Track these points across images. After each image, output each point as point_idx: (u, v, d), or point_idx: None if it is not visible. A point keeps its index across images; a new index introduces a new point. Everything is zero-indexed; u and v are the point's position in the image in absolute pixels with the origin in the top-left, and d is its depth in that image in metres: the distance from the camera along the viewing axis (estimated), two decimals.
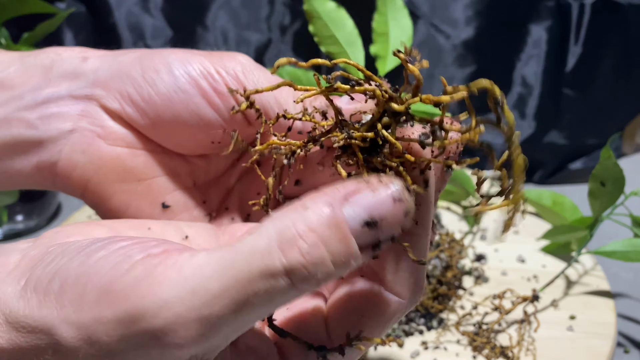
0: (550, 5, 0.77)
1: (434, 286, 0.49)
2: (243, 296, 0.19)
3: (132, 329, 0.19)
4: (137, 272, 0.19)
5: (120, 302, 0.19)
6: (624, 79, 0.80)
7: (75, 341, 0.20)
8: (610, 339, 0.46)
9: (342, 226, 0.20)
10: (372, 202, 0.20)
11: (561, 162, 0.83)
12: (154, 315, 0.19)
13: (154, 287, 0.19)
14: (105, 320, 0.19)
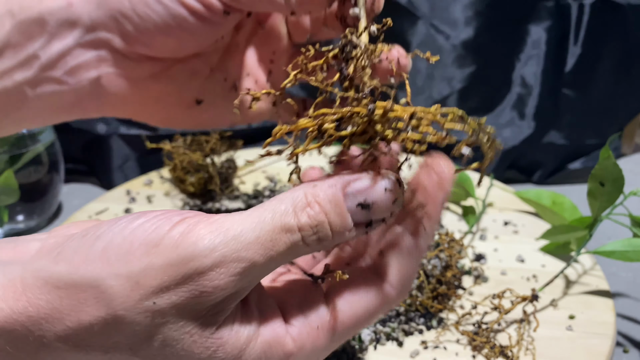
0: (549, 6, 0.77)
1: (433, 286, 0.49)
2: (270, 244, 0.24)
3: (181, 270, 0.23)
4: (181, 229, 0.23)
5: (170, 250, 0.23)
6: (624, 79, 0.80)
7: (122, 289, 0.23)
8: (610, 338, 0.47)
9: (340, 203, 0.25)
10: (368, 189, 0.25)
11: (560, 162, 0.83)
12: (205, 256, 0.23)
13: (201, 236, 0.23)
14: (156, 266, 0.23)
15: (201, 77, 0.38)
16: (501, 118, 0.82)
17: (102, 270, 0.23)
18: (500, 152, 0.27)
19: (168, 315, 0.24)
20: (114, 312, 0.23)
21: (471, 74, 0.80)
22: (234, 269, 0.23)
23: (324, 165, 0.75)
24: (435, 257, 0.53)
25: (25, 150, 0.62)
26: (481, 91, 0.81)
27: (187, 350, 0.24)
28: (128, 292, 0.23)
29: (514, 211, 0.66)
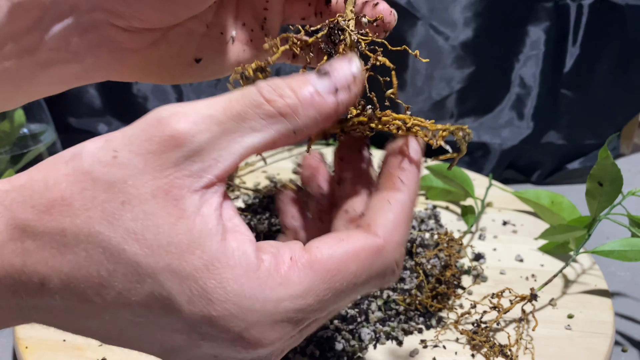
0: (548, 7, 0.78)
1: (432, 285, 0.49)
2: (232, 97, 0.25)
3: (149, 116, 0.25)
4: (168, 108, 0.25)
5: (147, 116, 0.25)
6: (622, 80, 0.80)
7: (95, 149, 0.25)
8: (608, 337, 0.47)
9: (300, 75, 0.26)
10: (329, 62, 0.27)
11: (559, 162, 0.84)
12: (168, 107, 0.25)
13: (191, 104, 0.25)
14: (131, 129, 0.25)
15: (198, 36, 0.39)
16: (500, 118, 0.82)
17: (83, 143, 0.25)
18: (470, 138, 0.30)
19: (129, 168, 0.24)
20: (79, 166, 0.24)
21: (470, 75, 0.80)
22: (192, 117, 0.24)
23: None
24: (434, 257, 0.54)
25: (26, 150, 0.62)
26: (480, 92, 0.81)
27: (147, 213, 0.24)
28: (97, 148, 0.24)
29: (513, 211, 0.66)
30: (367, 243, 0.26)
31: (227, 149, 0.25)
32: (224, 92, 0.27)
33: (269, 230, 0.53)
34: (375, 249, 0.26)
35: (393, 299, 0.49)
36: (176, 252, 0.24)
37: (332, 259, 0.25)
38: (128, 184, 0.24)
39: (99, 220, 0.24)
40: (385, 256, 0.27)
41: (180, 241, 0.24)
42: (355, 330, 0.46)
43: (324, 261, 0.25)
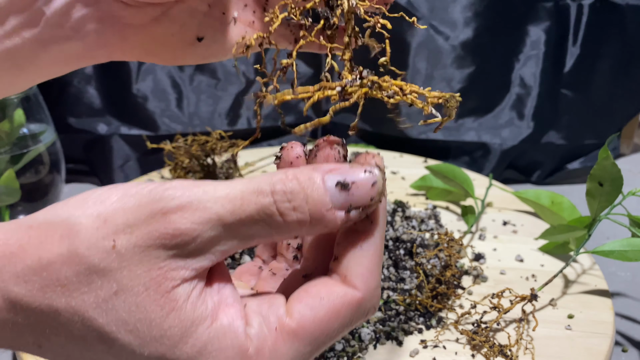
0: (548, 7, 0.78)
1: (433, 285, 0.49)
2: (239, 202, 0.24)
3: (147, 209, 0.24)
4: (159, 183, 0.25)
5: (143, 194, 0.24)
6: (622, 80, 0.80)
7: (89, 225, 0.24)
8: (609, 337, 0.47)
9: (319, 179, 0.25)
10: (349, 171, 0.25)
11: (559, 162, 0.84)
12: (172, 199, 0.24)
13: (174, 185, 0.24)
14: (127, 207, 0.24)
15: (200, 14, 0.39)
16: (500, 118, 0.82)
17: (77, 210, 0.25)
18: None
19: (126, 259, 0.24)
20: (75, 248, 0.24)
21: (470, 75, 0.80)
22: (198, 216, 0.24)
23: None
24: (434, 257, 0.54)
25: (26, 150, 0.62)
26: (480, 91, 0.81)
27: (139, 306, 0.24)
28: (94, 229, 0.24)
29: (513, 211, 0.66)
30: (346, 299, 0.26)
31: (224, 246, 0.25)
32: (223, 92, 0.27)
33: None
34: (355, 303, 0.26)
35: (393, 299, 0.49)
36: (169, 344, 0.24)
37: (315, 322, 0.26)
38: (123, 274, 0.24)
39: (93, 306, 0.24)
40: (365, 305, 0.27)
41: (173, 333, 0.24)
42: (355, 330, 0.46)
43: (307, 326, 0.26)
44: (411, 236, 0.55)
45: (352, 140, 0.87)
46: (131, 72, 0.78)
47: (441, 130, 0.82)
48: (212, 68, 0.81)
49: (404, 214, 0.61)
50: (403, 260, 0.52)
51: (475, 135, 0.82)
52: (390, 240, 0.54)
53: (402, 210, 0.62)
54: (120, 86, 0.79)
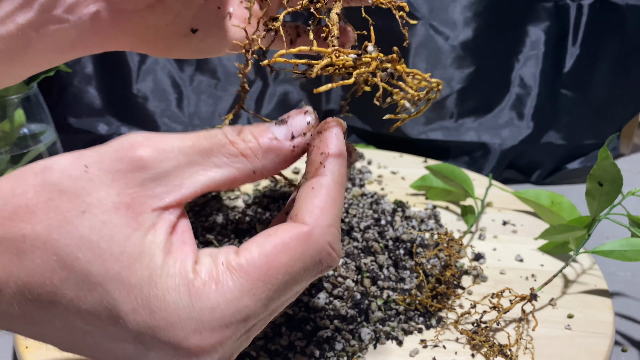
0: (548, 7, 0.78)
1: (432, 285, 0.49)
2: (193, 137, 0.27)
3: (115, 142, 0.27)
4: (139, 135, 0.27)
5: (113, 141, 0.27)
6: (622, 80, 0.80)
7: (63, 159, 0.26)
8: (608, 337, 0.47)
9: (260, 124, 0.29)
10: (287, 113, 0.30)
11: (559, 162, 0.84)
12: (135, 135, 0.26)
13: (161, 135, 0.27)
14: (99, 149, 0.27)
15: (195, 6, 0.40)
16: (500, 118, 0.82)
17: (51, 158, 0.26)
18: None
19: (97, 183, 0.25)
20: (48, 178, 0.25)
21: (470, 75, 0.80)
22: (161, 146, 0.26)
23: None
24: (434, 257, 0.54)
25: (26, 150, 0.62)
26: (480, 92, 0.81)
27: (105, 222, 0.25)
28: (68, 163, 0.26)
29: (513, 211, 0.66)
30: (293, 232, 0.27)
31: (190, 178, 0.27)
32: (223, 92, 0.28)
33: None
34: (303, 236, 0.27)
35: (393, 299, 0.49)
36: (126, 262, 0.25)
37: (262, 256, 0.26)
38: (92, 196, 0.25)
39: (57, 227, 0.25)
40: (316, 240, 0.27)
41: (132, 251, 0.25)
42: (355, 330, 0.46)
43: (254, 260, 0.26)
44: (411, 236, 0.55)
45: (352, 140, 0.87)
46: (131, 72, 0.78)
47: (441, 130, 0.83)
48: (212, 68, 0.81)
49: (404, 213, 0.61)
50: (403, 260, 0.52)
51: (475, 135, 0.82)
52: (390, 240, 0.54)
53: (402, 210, 0.62)
54: (121, 86, 0.79)
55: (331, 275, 0.49)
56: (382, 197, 0.65)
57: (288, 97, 0.84)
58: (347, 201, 0.62)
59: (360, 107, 0.85)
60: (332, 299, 0.48)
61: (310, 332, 0.45)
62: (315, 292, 0.48)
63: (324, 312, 0.46)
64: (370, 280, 0.50)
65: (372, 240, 0.53)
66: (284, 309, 0.31)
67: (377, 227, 0.56)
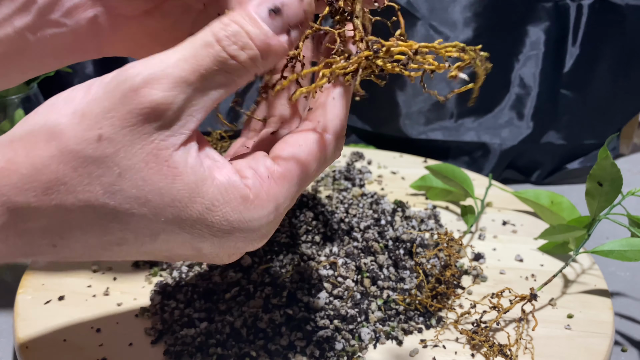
0: (548, 7, 0.78)
1: (432, 285, 0.49)
2: (193, 59, 0.26)
3: (118, 92, 0.25)
4: (118, 70, 0.26)
5: (109, 81, 0.26)
6: (622, 80, 0.80)
7: (69, 123, 0.26)
8: (608, 337, 0.47)
9: (251, 14, 0.27)
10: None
11: (559, 162, 0.84)
12: (135, 75, 0.25)
13: (132, 65, 0.26)
14: (98, 96, 0.26)
15: (194, 12, 0.39)
16: (500, 118, 0.82)
17: (50, 115, 0.26)
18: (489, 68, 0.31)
19: (118, 142, 0.25)
20: (65, 146, 0.25)
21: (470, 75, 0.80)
22: (166, 85, 0.25)
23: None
24: (434, 257, 0.54)
25: None
26: (480, 92, 0.81)
27: (145, 180, 0.26)
28: (76, 124, 0.25)
29: (513, 211, 0.66)
30: (320, 143, 0.30)
31: (198, 104, 0.27)
32: None
33: None
34: (328, 145, 0.30)
35: (393, 299, 0.49)
36: (181, 206, 0.27)
37: (298, 164, 0.30)
38: (120, 156, 0.26)
39: (100, 193, 0.26)
40: (334, 148, 0.31)
41: (182, 196, 0.27)
42: (355, 330, 0.46)
43: (293, 169, 0.29)
44: (411, 236, 0.55)
45: (352, 141, 0.87)
46: None
47: (441, 131, 0.83)
48: None
49: (404, 213, 0.61)
50: (403, 260, 0.52)
51: (474, 136, 0.82)
52: (390, 240, 0.54)
53: (401, 210, 0.62)
54: None
55: (331, 275, 0.49)
56: (382, 197, 0.65)
57: None
58: (347, 201, 0.62)
59: (360, 107, 0.85)
60: (332, 299, 0.48)
61: (310, 332, 0.45)
62: (315, 292, 0.48)
63: (324, 312, 0.46)
64: (370, 280, 0.50)
65: (372, 240, 0.53)
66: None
67: (377, 227, 0.56)
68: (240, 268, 0.50)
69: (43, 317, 0.47)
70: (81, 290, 0.51)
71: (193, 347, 0.44)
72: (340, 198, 0.63)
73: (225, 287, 0.49)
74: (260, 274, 0.49)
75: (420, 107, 0.82)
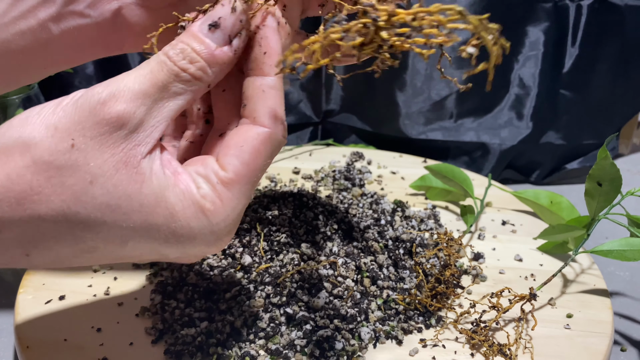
0: (547, 7, 0.78)
1: (432, 284, 0.49)
2: (150, 74, 0.29)
3: (86, 106, 0.28)
4: (101, 89, 0.28)
5: (77, 98, 0.28)
6: (621, 80, 0.80)
7: (43, 136, 0.27)
8: (607, 337, 0.47)
9: (194, 32, 0.30)
10: (211, 13, 0.31)
11: (558, 162, 0.84)
12: (100, 92, 0.28)
13: (98, 85, 0.28)
14: (68, 111, 0.28)
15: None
16: (499, 118, 0.82)
17: (24, 128, 0.27)
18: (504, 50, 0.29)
19: (89, 152, 0.27)
20: (39, 157, 0.27)
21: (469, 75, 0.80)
22: (127, 96, 0.28)
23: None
24: (434, 256, 0.54)
25: None
26: (480, 92, 0.81)
27: (117, 186, 0.28)
28: (49, 137, 0.27)
29: (512, 211, 0.66)
30: (260, 138, 0.31)
31: (159, 115, 0.29)
32: None
33: (269, 231, 0.54)
34: (268, 138, 0.31)
35: (393, 299, 0.49)
36: (148, 210, 0.29)
37: (243, 165, 0.31)
38: (91, 165, 0.27)
39: (73, 201, 0.27)
40: (276, 137, 0.32)
41: (149, 201, 0.29)
42: (355, 329, 0.46)
43: (240, 171, 0.31)
44: (411, 236, 0.55)
45: (352, 141, 0.88)
46: None
47: (440, 131, 0.83)
48: None
49: (404, 213, 0.61)
50: (402, 260, 0.53)
51: (474, 136, 0.82)
52: (389, 240, 0.54)
53: (401, 210, 0.62)
54: None
55: (331, 274, 0.49)
56: (382, 197, 0.65)
57: (288, 97, 0.85)
58: (347, 201, 0.62)
59: (360, 107, 0.85)
60: (332, 298, 0.48)
61: (310, 331, 0.45)
62: (315, 291, 0.48)
63: (324, 312, 0.47)
64: (370, 280, 0.50)
65: (371, 240, 0.53)
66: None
67: (376, 227, 0.56)
68: (240, 267, 0.50)
69: (44, 316, 0.47)
70: (82, 290, 0.51)
71: (193, 346, 0.44)
72: (340, 198, 0.63)
73: (225, 287, 0.49)
74: (261, 273, 0.49)
75: (420, 107, 0.82)
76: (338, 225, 0.55)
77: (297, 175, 0.74)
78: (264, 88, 0.32)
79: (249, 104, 0.32)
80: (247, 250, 0.52)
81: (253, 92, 0.32)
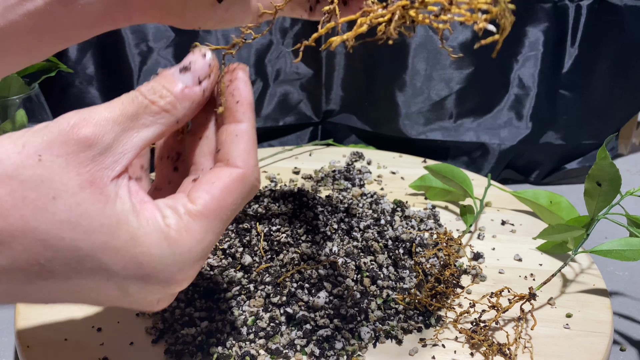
0: (546, 7, 0.78)
1: (432, 284, 0.49)
2: (120, 105, 0.30)
3: (54, 127, 0.28)
4: (72, 114, 0.29)
5: (48, 123, 0.29)
6: (620, 80, 0.80)
7: (9, 151, 0.27)
8: (607, 336, 0.47)
9: (167, 73, 0.32)
10: (184, 59, 0.33)
11: (558, 162, 0.84)
12: (72, 116, 0.29)
13: (90, 110, 0.29)
14: (36, 130, 0.28)
15: None
16: (499, 119, 0.82)
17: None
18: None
19: (54, 168, 0.27)
20: (3, 172, 0.27)
21: (469, 75, 0.80)
22: (97, 120, 0.29)
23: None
24: (433, 256, 0.54)
25: None
26: (479, 92, 0.82)
27: (80, 203, 0.28)
28: (17, 153, 0.27)
29: (512, 211, 0.66)
30: (232, 176, 0.32)
31: (129, 143, 0.30)
32: None
33: (269, 230, 0.54)
34: (240, 178, 0.32)
35: (392, 298, 0.49)
36: (108, 232, 0.28)
37: (213, 200, 0.31)
38: (55, 181, 0.27)
39: (32, 216, 0.27)
40: (249, 179, 0.33)
41: (111, 222, 0.28)
42: (355, 329, 0.46)
43: (209, 205, 0.31)
44: (410, 235, 0.55)
45: (352, 141, 0.88)
46: (132, 72, 0.79)
47: (440, 131, 0.83)
48: None
49: (403, 213, 0.61)
50: (402, 260, 0.53)
51: (474, 136, 0.82)
52: (389, 240, 0.54)
53: (401, 210, 0.62)
54: (122, 87, 0.79)
55: (331, 274, 0.49)
56: (382, 197, 0.65)
57: (288, 97, 0.85)
58: (347, 201, 0.62)
59: (360, 107, 0.85)
60: (332, 298, 0.48)
61: (310, 331, 0.45)
62: (315, 291, 0.48)
63: (324, 312, 0.47)
64: (370, 280, 0.50)
65: (371, 240, 0.54)
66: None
67: (376, 227, 0.56)
68: (240, 267, 0.50)
69: (44, 316, 0.47)
70: None
71: (194, 346, 0.44)
72: (340, 198, 0.63)
73: (225, 287, 0.49)
74: (261, 273, 0.50)
75: (420, 108, 0.82)
76: (338, 225, 0.56)
77: (297, 175, 0.74)
78: (237, 132, 0.33)
79: (223, 147, 0.33)
80: (247, 250, 0.52)
81: (227, 137, 0.33)
